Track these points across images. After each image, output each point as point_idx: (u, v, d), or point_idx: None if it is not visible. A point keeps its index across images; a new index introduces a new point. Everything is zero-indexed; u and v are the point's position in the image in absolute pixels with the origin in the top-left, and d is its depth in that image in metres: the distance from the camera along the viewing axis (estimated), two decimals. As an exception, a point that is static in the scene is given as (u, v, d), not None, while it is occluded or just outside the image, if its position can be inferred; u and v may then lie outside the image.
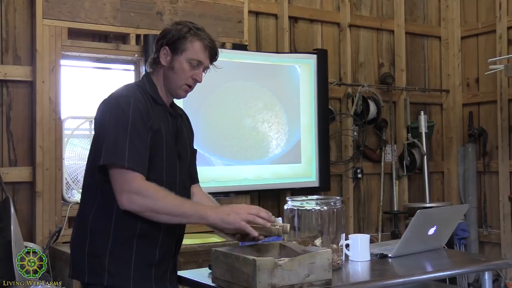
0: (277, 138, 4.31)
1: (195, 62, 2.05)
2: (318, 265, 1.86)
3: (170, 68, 2.06)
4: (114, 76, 3.95)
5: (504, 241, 5.01)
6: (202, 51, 2.05)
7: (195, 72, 2.06)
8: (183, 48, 2.03)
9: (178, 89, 2.08)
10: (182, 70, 2.04)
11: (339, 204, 2.24)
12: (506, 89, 5.02)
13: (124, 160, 1.88)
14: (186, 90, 2.09)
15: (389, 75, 5.15)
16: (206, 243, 3.41)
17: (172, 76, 2.06)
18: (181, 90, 2.08)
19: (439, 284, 2.87)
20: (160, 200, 1.89)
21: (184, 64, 2.04)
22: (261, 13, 4.57)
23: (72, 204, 3.54)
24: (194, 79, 2.07)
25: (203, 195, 2.27)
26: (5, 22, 3.55)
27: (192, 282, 2.14)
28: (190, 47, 2.03)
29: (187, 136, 2.20)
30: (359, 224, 5.02)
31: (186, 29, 2.04)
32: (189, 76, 2.06)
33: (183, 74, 2.05)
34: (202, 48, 2.05)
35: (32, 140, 3.54)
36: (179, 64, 2.04)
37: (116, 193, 1.90)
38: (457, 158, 5.41)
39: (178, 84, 2.07)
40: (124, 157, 1.88)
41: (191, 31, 2.04)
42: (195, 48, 2.04)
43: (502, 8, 5.05)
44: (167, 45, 2.05)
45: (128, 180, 1.88)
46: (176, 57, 2.04)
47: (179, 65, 2.04)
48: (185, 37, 2.03)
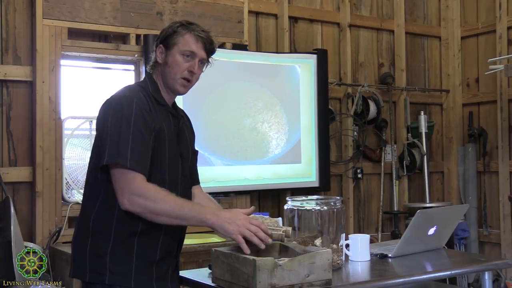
0: (277, 138, 4.31)
1: (187, 52, 2.05)
2: (318, 265, 1.86)
3: (165, 64, 2.08)
4: (114, 76, 3.95)
5: (504, 241, 5.01)
6: (194, 42, 2.06)
7: (190, 64, 2.06)
8: (174, 42, 2.06)
9: (175, 83, 2.08)
10: (176, 63, 2.06)
11: (339, 204, 2.24)
12: (506, 89, 5.02)
13: (126, 160, 1.88)
14: (184, 84, 2.09)
15: (389, 75, 5.15)
16: (206, 243, 3.41)
17: (167, 71, 2.07)
18: (178, 84, 2.08)
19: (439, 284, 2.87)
20: (160, 202, 1.89)
21: (177, 56, 2.05)
22: (261, 13, 4.57)
23: (72, 204, 3.54)
24: (190, 71, 2.07)
25: (204, 197, 2.27)
26: (5, 22, 3.55)
27: (192, 282, 2.14)
28: (181, 39, 2.06)
29: (188, 136, 2.21)
30: (359, 224, 5.02)
31: (177, 24, 2.09)
32: (184, 69, 2.06)
33: (177, 67, 2.06)
34: (193, 39, 2.06)
35: (32, 140, 3.54)
36: (172, 57, 2.06)
37: (117, 193, 1.91)
38: (457, 158, 5.41)
39: (174, 78, 2.07)
40: (126, 157, 1.88)
41: (182, 25, 2.08)
42: (186, 39, 2.06)
43: (502, 8, 5.05)
44: (161, 43, 2.09)
45: (129, 180, 1.89)
46: (169, 51, 2.07)
47: (172, 58, 2.06)
48: (176, 31, 2.07)
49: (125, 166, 1.88)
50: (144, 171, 1.92)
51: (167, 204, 1.89)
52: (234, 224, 1.87)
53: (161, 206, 1.89)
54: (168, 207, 1.89)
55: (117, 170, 1.90)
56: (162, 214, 1.90)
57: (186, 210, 1.91)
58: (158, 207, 1.89)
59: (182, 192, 2.05)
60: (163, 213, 1.89)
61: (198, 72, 2.10)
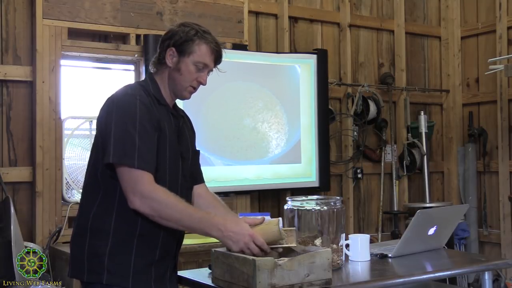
0: (277, 138, 4.31)
1: (201, 65, 2.06)
2: (318, 265, 1.86)
3: (176, 70, 2.07)
4: (114, 76, 3.95)
5: (504, 241, 5.01)
6: (209, 55, 2.07)
7: (200, 75, 2.08)
8: (190, 51, 2.05)
9: (183, 90, 2.09)
10: (188, 72, 2.06)
11: (339, 204, 2.24)
12: (506, 89, 5.02)
13: (134, 160, 1.88)
14: (191, 91, 2.12)
15: (389, 75, 5.15)
16: (206, 243, 3.41)
17: (177, 77, 2.07)
18: (186, 91, 2.10)
19: (439, 284, 2.87)
20: (171, 208, 1.90)
21: (190, 66, 2.06)
22: (261, 13, 4.57)
23: (72, 204, 3.54)
24: (199, 81, 2.09)
25: (211, 198, 2.27)
26: (5, 22, 3.55)
27: (192, 282, 2.14)
28: (197, 49, 2.05)
29: (189, 136, 2.21)
30: (359, 224, 5.02)
31: (193, 32, 2.06)
32: (194, 79, 2.08)
33: (189, 76, 2.07)
34: (209, 52, 2.06)
35: (32, 140, 3.54)
36: (185, 66, 2.06)
37: (127, 193, 1.91)
38: (457, 158, 5.41)
39: (183, 86, 2.08)
40: (133, 156, 1.89)
41: (198, 33, 2.06)
42: (202, 51, 2.05)
43: (502, 8, 5.05)
44: (174, 47, 2.06)
45: (137, 180, 1.89)
46: (182, 59, 2.05)
47: (186, 67, 2.06)
48: (192, 39, 2.05)
49: (132, 165, 1.88)
50: (152, 170, 1.92)
51: (178, 213, 1.91)
52: (237, 244, 1.89)
53: (172, 213, 1.91)
54: (178, 215, 1.91)
55: (124, 169, 1.90)
56: (171, 220, 1.92)
57: (195, 222, 1.92)
58: (168, 213, 1.90)
59: (182, 192, 2.05)
60: (172, 219, 1.92)
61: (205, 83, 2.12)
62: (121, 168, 1.90)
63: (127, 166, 1.89)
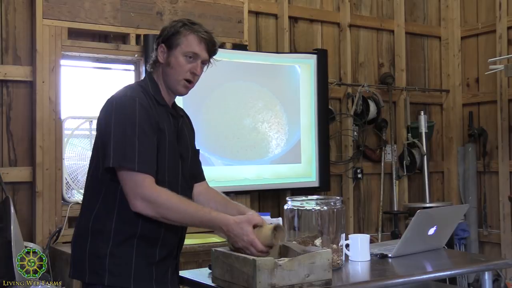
0: (277, 138, 4.31)
1: (190, 54, 2.04)
2: (318, 265, 1.86)
3: (167, 64, 2.06)
4: (114, 76, 3.95)
5: (504, 241, 5.01)
6: (197, 43, 2.04)
7: (192, 66, 2.05)
8: (177, 43, 2.04)
9: (177, 84, 2.07)
10: (179, 64, 2.04)
11: (339, 204, 2.24)
12: (506, 89, 5.02)
13: (134, 163, 1.88)
14: (186, 86, 2.08)
15: (389, 75, 5.15)
16: (206, 243, 3.41)
17: (170, 72, 2.06)
18: (180, 85, 2.07)
19: (439, 284, 2.87)
20: (173, 209, 1.91)
21: (180, 58, 2.04)
22: (261, 13, 4.57)
23: (72, 204, 3.54)
24: (193, 72, 2.06)
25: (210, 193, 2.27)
26: (5, 22, 3.55)
27: (192, 282, 2.14)
28: (184, 40, 2.04)
29: (188, 136, 2.20)
30: (359, 224, 5.02)
31: (180, 24, 2.05)
32: (187, 70, 2.05)
33: (180, 68, 2.04)
34: (197, 41, 2.04)
35: (32, 140, 3.54)
36: (175, 58, 2.04)
37: (128, 196, 1.91)
38: (457, 158, 5.41)
39: (176, 79, 2.06)
40: (134, 159, 1.88)
41: (185, 26, 2.05)
42: (189, 40, 2.04)
43: (502, 8, 5.05)
44: (163, 42, 2.06)
45: (138, 183, 1.89)
46: (171, 52, 2.05)
47: (175, 59, 2.04)
48: (179, 31, 2.04)
49: (133, 169, 1.88)
50: (153, 172, 1.92)
51: (180, 214, 1.93)
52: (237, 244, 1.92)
53: (174, 215, 1.92)
54: (181, 217, 1.93)
55: (125, 173, 1.90)
56: (175, 221, 1.95)
57: (196, 222, 1.95)
58: (170, 215, 1.92)
59: (182, 193, 2.04)
60: (176, 220, 1.94)
61: (200, 73, 2.10)
62: (122, 171, 1.90)
63: (127, 169, 1.89)
